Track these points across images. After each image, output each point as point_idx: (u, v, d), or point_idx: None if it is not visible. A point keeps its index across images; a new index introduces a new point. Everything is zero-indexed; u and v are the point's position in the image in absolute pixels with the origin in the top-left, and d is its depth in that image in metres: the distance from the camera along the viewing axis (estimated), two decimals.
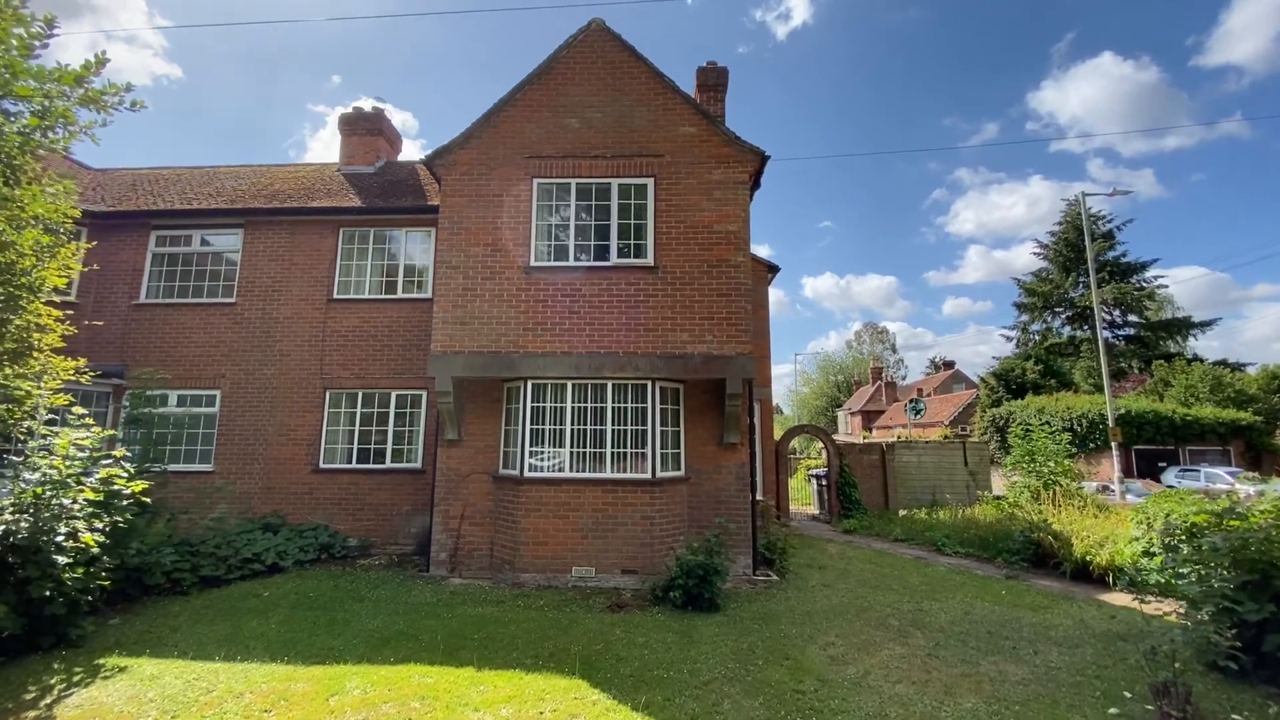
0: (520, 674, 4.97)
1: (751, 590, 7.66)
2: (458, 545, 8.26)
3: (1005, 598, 7.43)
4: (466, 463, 8.43)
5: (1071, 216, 37.01)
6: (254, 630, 5.97)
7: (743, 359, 8.03)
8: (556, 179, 8.58)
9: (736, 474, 8.32)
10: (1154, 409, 21.80)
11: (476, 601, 7.05)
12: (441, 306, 8.32)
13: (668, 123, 8.65)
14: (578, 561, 7.74)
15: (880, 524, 12.32)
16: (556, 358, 8.07)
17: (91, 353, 10.33)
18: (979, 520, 10.80)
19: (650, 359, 8.03)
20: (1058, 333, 38.08)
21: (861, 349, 74.89)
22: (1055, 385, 28.75)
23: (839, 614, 6.67)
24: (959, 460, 14.21)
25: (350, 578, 8.03)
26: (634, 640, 5.74)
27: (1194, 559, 4.81)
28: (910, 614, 6.68)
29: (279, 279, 10.46)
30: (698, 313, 8.18)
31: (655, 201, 8.45)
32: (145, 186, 11.96)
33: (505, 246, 8.41)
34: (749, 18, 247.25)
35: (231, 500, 9.84)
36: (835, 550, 10.41)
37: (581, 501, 7.81)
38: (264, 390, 10.16)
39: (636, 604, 6.98)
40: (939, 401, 39.73)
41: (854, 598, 7.35)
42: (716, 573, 6.76)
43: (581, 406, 8.07)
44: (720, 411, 8.33)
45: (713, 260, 8.29)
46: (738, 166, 8.49)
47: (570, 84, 8.81)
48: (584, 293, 8.26)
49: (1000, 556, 9.32)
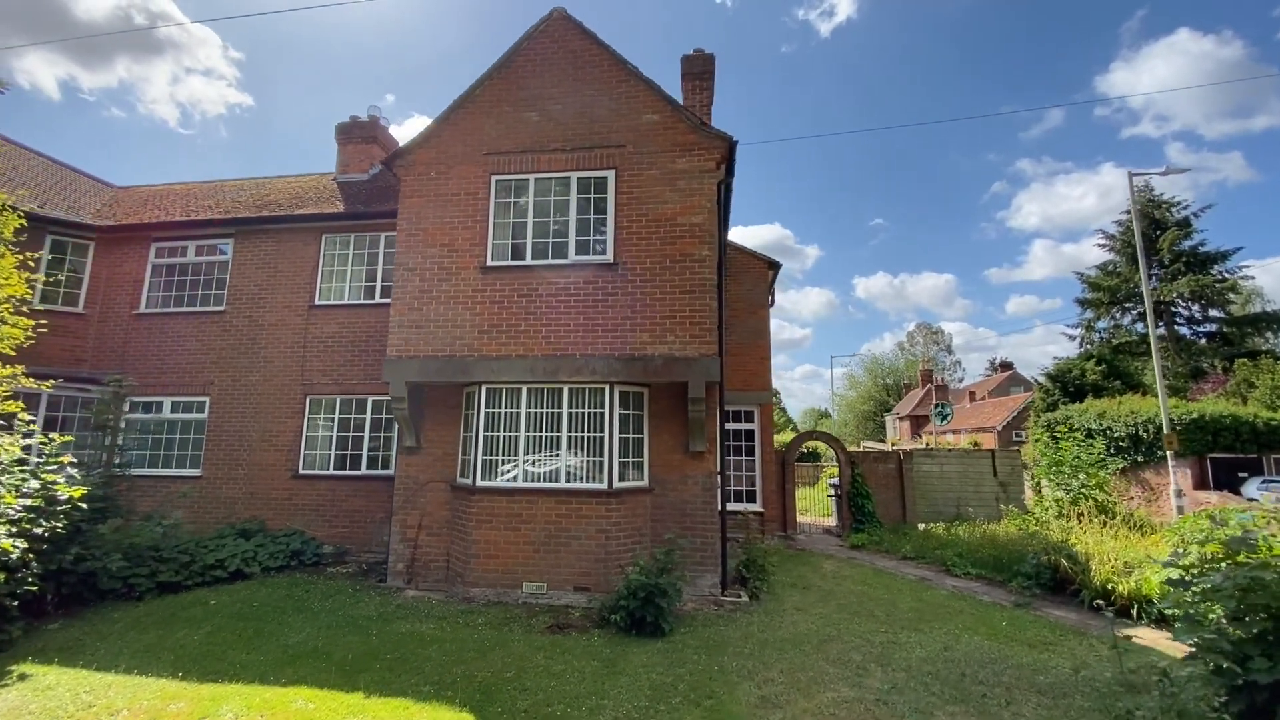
0: (408, 703, 4.58)
1: (715, 613, 7.02)
2: (414, 556, 8.00)
3: (1003, 630, 6.50)
4: (425, 471, 8.18)
5: (1141, 204, 33.92)
6: (177, 641, 5.85)
7: (706, 361, 7.42)
8: (515, 175, 8.24)
9: (704, 484, 7.70)
10: (1233, 413, 19.36)
11: (418, 617, 6.74)
12: (397, 310, 8.12)
13: (630, 111, 8.16)
14: (529, 577, 7.31)
15: (892, 539, 11.31)
16: (511, 361, 7.71)
17: (97, 361, 10.81)
18: (998, 538, 9.70)
19: (608, 361, 7.54)
20: (1128, 330, 34.90)
21: (914, 350, 71.48)
22: (1120, 387, 26.17)
23: (798, 644, 5.96)
24: (987, 470, 12.94)
25: (308, 587, 7.89)
26: (551, 668, 5.25)
27: (1198, 600, 3.90)
28: (880, 647, 5.89)
29: (265, 286, 10.60)
30: (659, 311, 7.63)
31: (616, 194, 7.97)
32: (156, 202, 12.45)
33: (462, 246, 8.13)
34: (790, 16, 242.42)
35: (216, 505, 10.00)
36: (831, 568, 9.57)
37: (534, 513, 7.39)
38: (249, 396, 10.29)
39: (581, 625, 6.49)
40: (992, 405, 37.10)
41: (824, 625, 6.59)
42: (662, 593, 6.18)
43: (537, 412, 7.67)
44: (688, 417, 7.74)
45: (675, 255, 7.73)
46: (703, 154, 7.91)
47: (530, 76, 8.47)
48: (541, 292, 7.87)
49: (1014, 580, 8.27)
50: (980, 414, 37.13)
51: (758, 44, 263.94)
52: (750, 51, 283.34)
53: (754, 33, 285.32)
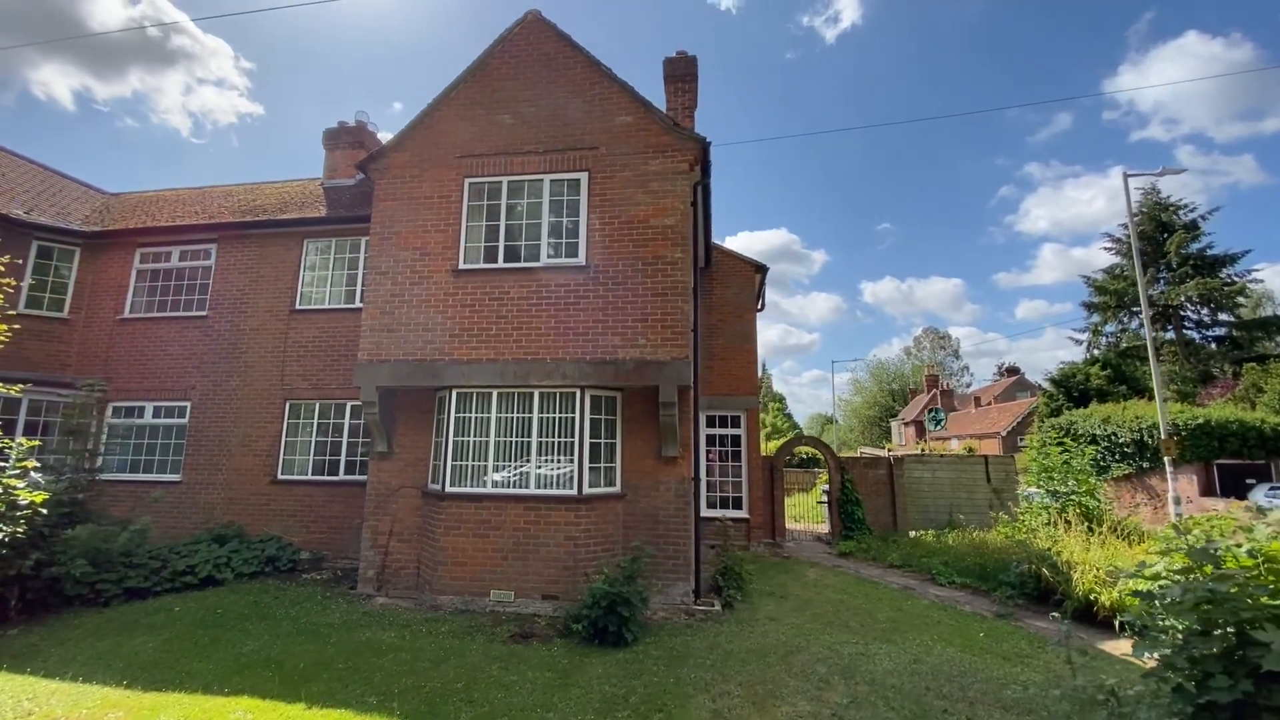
0: (349, 715, 4.48)
1: (685, 622, 6.87)
2: (385, 563, 7.91)
3: (979, 642, 6.30)
4: (397, 476, 8.10)
5: (1148, 206, 33.52)
6: (133, 649, 5.78)
7: (678, 364, 7.30)
8: (488, 177, 8.18)
9: (676, 490, 7.56)
10: (1240, 418, 18.97)
11: (381, 625, 6.64)
12: (369, 314, 8.07)
13: (603, 113, 8.09)
14: (496, 585, 7.20)
15: (881, 547, 11.10)
16: (482, 365, 7.62)
17: (81, 366, 10.84)
18: (987, 546, 9.47)
19: (579, 365, 7.44)
20: (1136, 334, 34.37)
21: (921, 355, 70.92)
22: (1126, 392, 25.74)
23: (763, 656, 5.79)
24: (980, 476, 12.69)
25: (278, 593, 7.82)
26: (503, 679, 5.13)
27: (1157, 614, 3.72)
28: (848, 659, 5.71)
29: (247, 291, 10.60)
30: (630, 314, 7.53)
31: (589, 196, 7.89)
32: (145, 208, 12.52)
33: (435, 250, 8.08)
34: (795, 23, 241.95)
35: (195, 510, 9.98)
36: (814, 576, 9.37)
37: (503, 520, 7.28)
38: (230, 401, 10.27)
39: (545, 634, 6.36)
40: (997, 411, 36.60)
41: (795, 635, 6.42)
42: (625, 602, 6.04)
43: (508, 417, 7.58)
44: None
45: (648, 257, 7.62)
46: (676, 155, 7.81)
47: (505, 78, 8.43)
48: (512, 296, 7.79)
49: (999, 590, 8.04)
50: (985, 419, 36.66)
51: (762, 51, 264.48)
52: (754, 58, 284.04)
53: (758, 39, 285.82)
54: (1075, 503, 8.92)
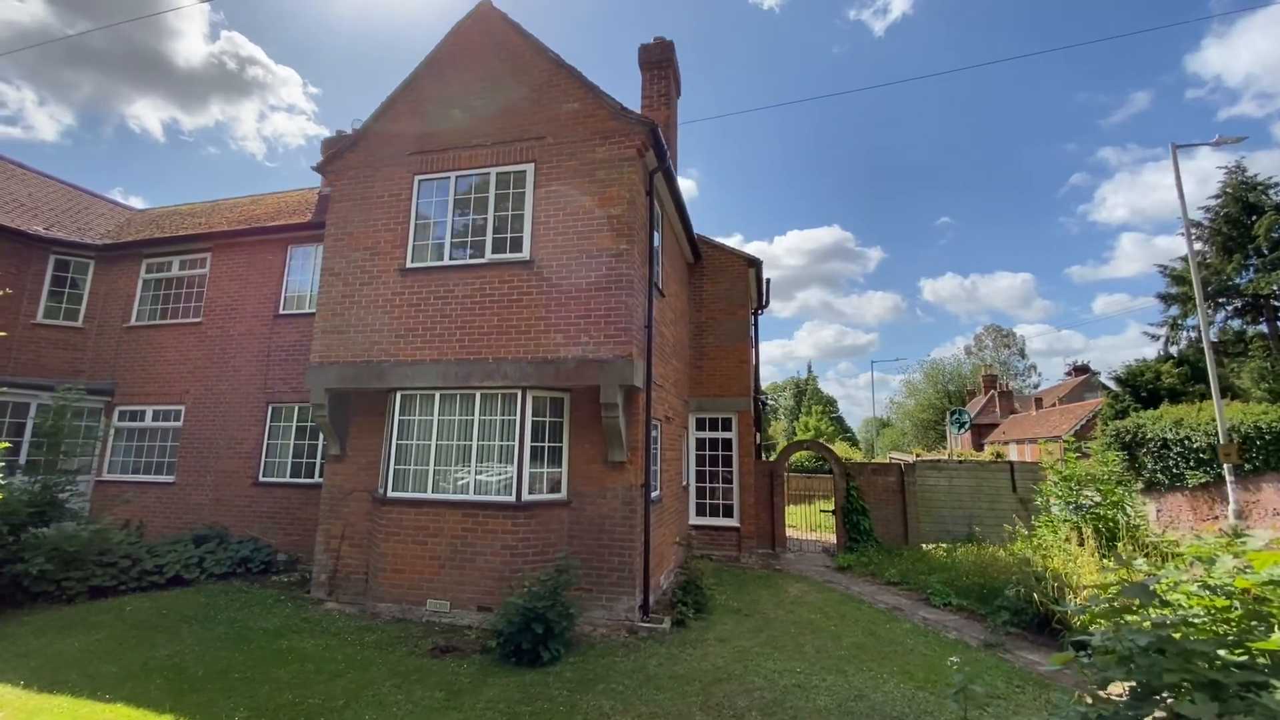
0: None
1: (624, 640, 6.37)
2: (337, 568, 7.80)
3: (946, 677, 5.47)
4: (350, 480, 7.99)
5: (1233, 187, 30.12)
6: (60, 648, 5.83)
7: (621, 363, 6.82)
8: (437, 174, 7.98)
9: (623, 498, 7.05)
10: None
11: (313, 632, 6.49)
12: (321, 316, 8.01)
13: (550, 101, 7.74)
14: (433, 594, 6.92)
15: (885, 561, 10.16)
16: (425, 366, 7.40)
17: (93, 372, 11.41)
18: (996, 563, 8.44)
19: (520, 365, 7.08)
20: (1226, 327, 30.85)
21: (983, 354, 66.80)
22: (1204, 391, 23.09)
23: (686, 683, 5.23)
24: (1004, 484, 11.46)
25: (235, 595, 7.85)
26: (389, 698, 4.81)
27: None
28: (780, 691, 5.06)
29: (237, 297, 10.88)
30: (574, 311, 7.11)
31: (534, 188, 7.54)
32: (160, 222, 13.16)
33: (384, 249, 7.94)
34: (842, 18, 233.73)
35: (186, 511, 10.27)
36: (796, 593, 8.62)
37: (441, 527, 7.01)
38: (218, 405, 10.54)
39: (468, 648, 6.02)
40: (1059, 413, 33.70)
41: (735, 660, 5.80)
42: (539, 619, 5.61)
43: (449, 419, 7.31)
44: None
45: (592, 250, 7.19)
46: (623, 141, 7.35)
47: (456, 71, 8.21)
48: (457, 294, 7.53)
49: (998, 614, 7.09)
50: (1045, 422, 33.84)
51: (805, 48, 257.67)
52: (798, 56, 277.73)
53: (802, 36, 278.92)
54: (1096, 516, 7.78)
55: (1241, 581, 2.76)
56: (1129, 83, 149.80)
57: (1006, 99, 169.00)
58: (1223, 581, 2.86)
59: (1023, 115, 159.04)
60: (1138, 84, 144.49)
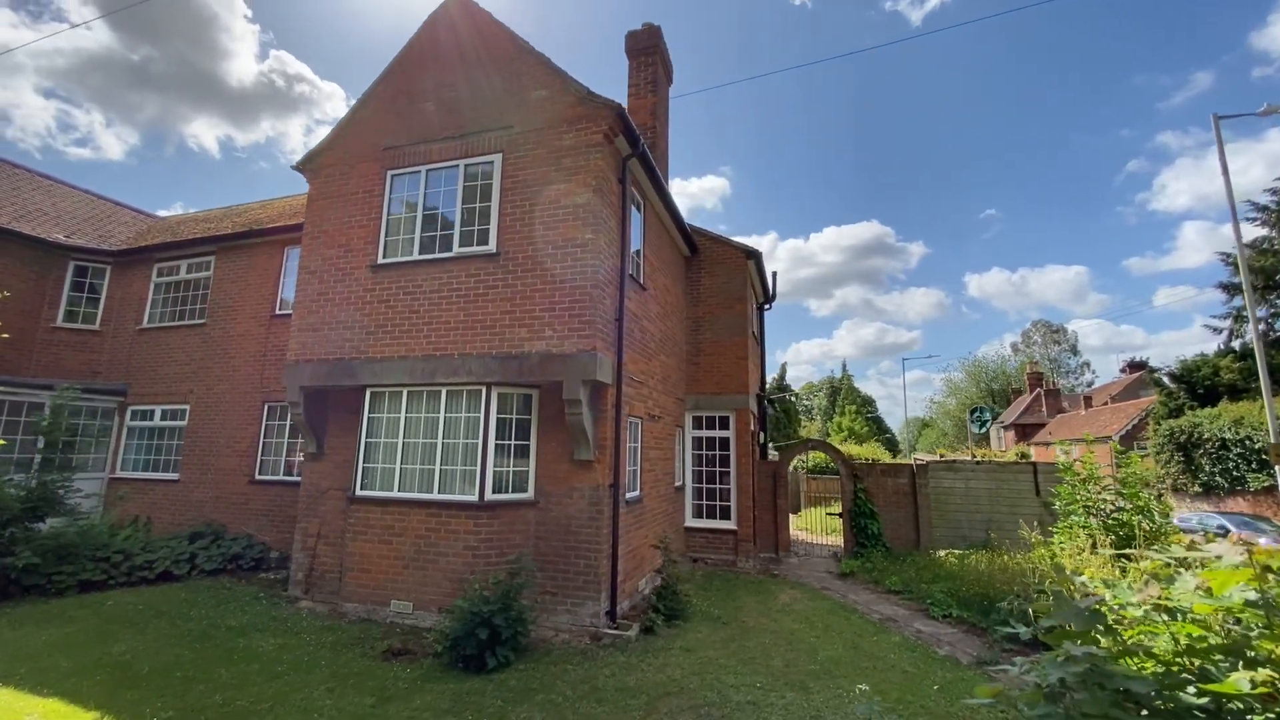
0: None
1: (583, 647, 6.08)
2: (313, 566, 7.77)
3: (924, 698, 4.98)
4: (327, 477, 7.95)
5: None
6: (30, 641, 5.92)
7: (585, 357, 6.54)
8: (408, 168, 7.87)
9: (590, 498, 6.76)
10: None
11: (275, 631, 6.44)
12: (298, 314, 8.02)
13: (519, 89, 7.52)
14: (397, 595, 6.79)
15: (890, 567, 9.55)
16: (393, 363, 7.29)
17: (109, 373, 11.84)
18: (1004, 572, 7.77)
19: (484, 361, 6.89)
20: None
21: (1031, 351, 63.65)
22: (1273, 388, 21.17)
23: (631, 697, 4.90)
24: (1027, 487, 10.64)
25: (217, 591, 7.93)
26: (315, 703, 4.65)
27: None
28: (734, 708, 4.68)
29: (237, 299, 11.10)
30: (538, 304, 6.87)
31: (501, 179, 7.34)
32: (175, 228, 13.59)
33: (357, 246, 7.88)
34: (877, 10, 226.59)
35: (189, 508, 10.51)
36: (786, 600, 8.15)
37: (406, 526, 6.87)
38: (219, 404, 10.76)
39: (421, 652, 5.84)
40: (1109, 412, 31.61)
41: (692, 673, 5.43)
42: (483, 624, 5.37)
43: (417, 417, 7.17)
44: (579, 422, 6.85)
45: (558, 240, 6.93)
46: (590, 126, 7.07)
47: (427, 63, 8.10)
48: (425, 289, 7.40)
49: (1000, 628, 6.47)
50: (1095, 422, 31.80)
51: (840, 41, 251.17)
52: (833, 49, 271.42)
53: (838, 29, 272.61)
54: (1117, 521, 7.04)
55: (1201, 607, 2.27)
56: (1190, 63, 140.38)
57: (1053, 86, 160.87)
58: (1181, 605, 2.37)
59: (1072, 101, 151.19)
60: (1199, 64, 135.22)
